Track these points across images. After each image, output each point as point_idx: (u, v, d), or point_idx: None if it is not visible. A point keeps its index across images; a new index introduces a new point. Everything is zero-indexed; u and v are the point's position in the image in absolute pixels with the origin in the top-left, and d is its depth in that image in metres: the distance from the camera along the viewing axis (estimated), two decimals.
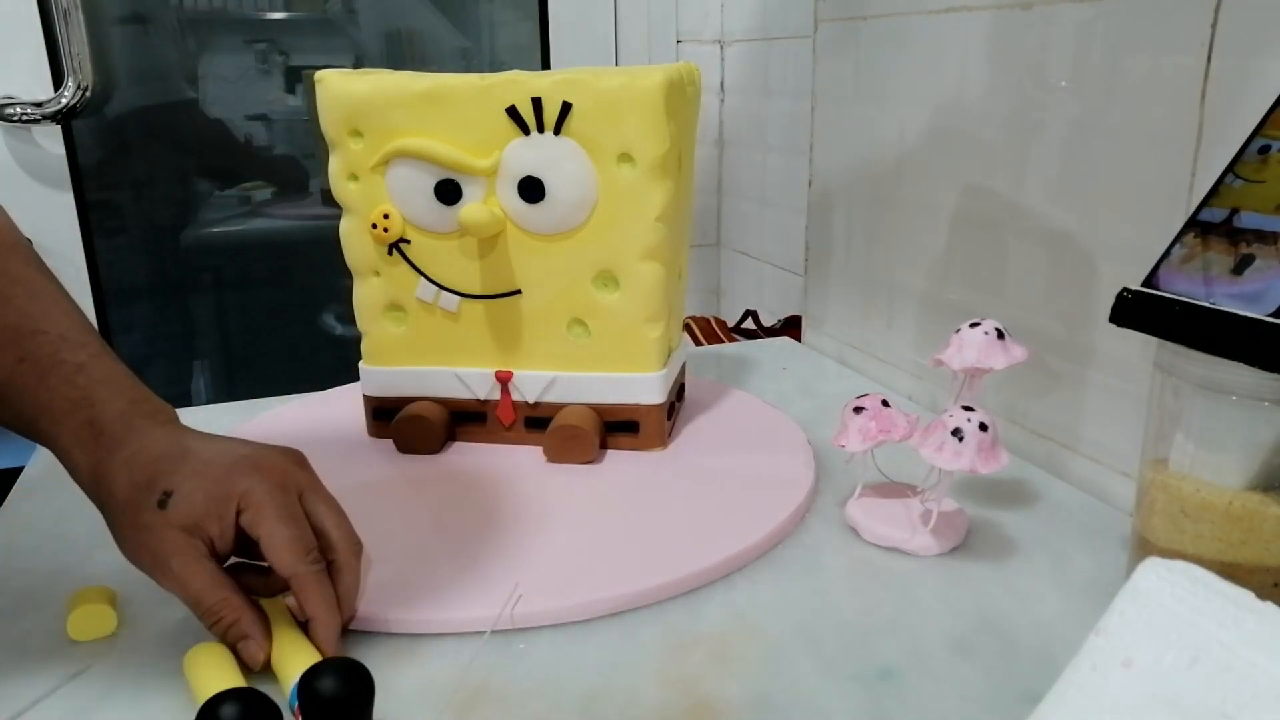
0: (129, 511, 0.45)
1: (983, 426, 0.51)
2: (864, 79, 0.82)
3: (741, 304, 1.21)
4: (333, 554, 0.47)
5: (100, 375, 0.49)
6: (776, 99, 1.12)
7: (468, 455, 0.68)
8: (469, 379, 0.68)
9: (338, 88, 0.63)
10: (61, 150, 1.11)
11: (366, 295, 0.68)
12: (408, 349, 0.68)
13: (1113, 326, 0.45)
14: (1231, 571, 0.43)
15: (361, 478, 0.64)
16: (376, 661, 0.41)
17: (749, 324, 1.11)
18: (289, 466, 0.48)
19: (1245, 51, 0.50)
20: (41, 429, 0.48)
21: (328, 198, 0.67)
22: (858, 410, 0.56)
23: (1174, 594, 0.29)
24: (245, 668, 0.44)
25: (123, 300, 1.23)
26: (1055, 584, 0.52)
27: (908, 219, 0.79)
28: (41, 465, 0.69)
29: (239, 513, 0.45)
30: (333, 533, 0.47)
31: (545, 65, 1.28)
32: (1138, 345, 0.58)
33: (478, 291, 0.66)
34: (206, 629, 0.45)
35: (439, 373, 0.68)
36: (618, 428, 0.67)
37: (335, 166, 0.65)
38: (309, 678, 0.38)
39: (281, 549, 0.44)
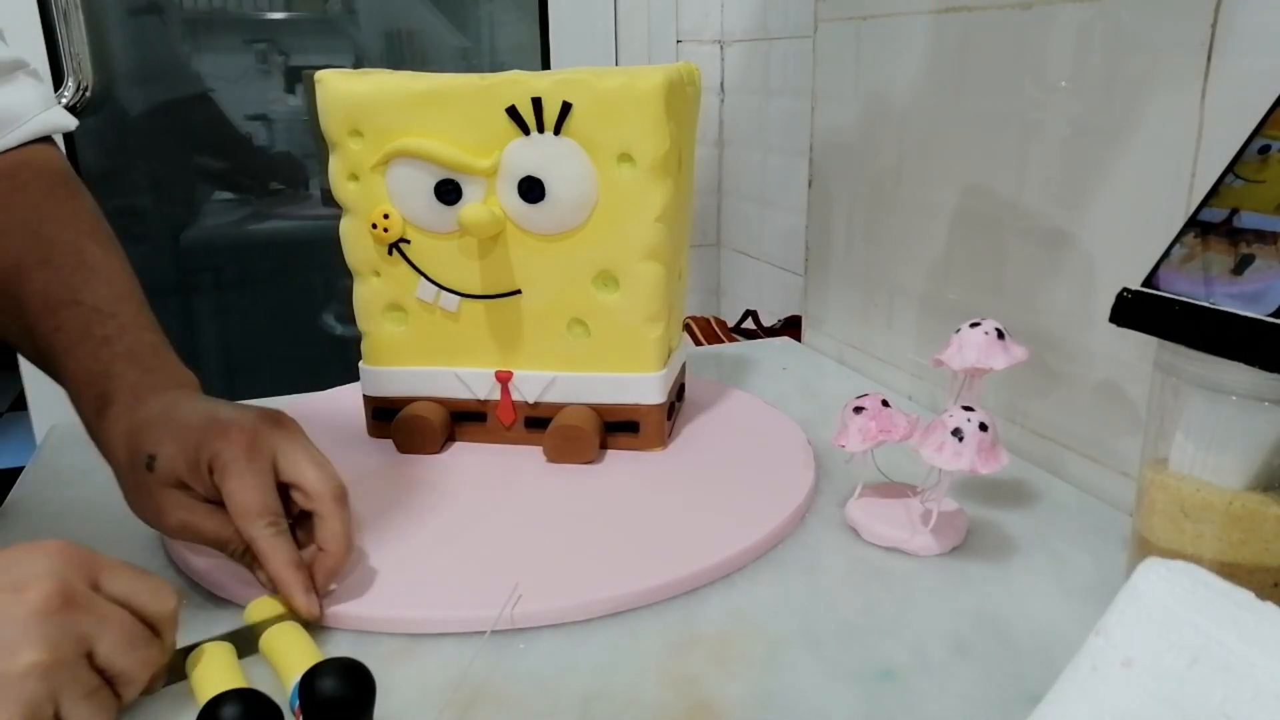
0: (129, 475, 0.49)
1: (983, 426, 0.51)
2: (864, 79, 0.82)
3: (741, 304, 1.21)
4: (312, 503, 0.48)
5: (122, 348, 0.53)
6: (776, 99, 1.12)
7: (468, 455, 0.68)
8: (469, 379, 0.68)
9: (338, 88, 0.63)
10: (62, 150, 1.11)
11: (366, 295, 0.68)
12: (408, 349, 0.68)
13: (1113, 326, 0.45)
14: (1231, 571, 0.43)
15: (361, 478, 0.64)
16: (376, 661, 0.41)
17: (749, 324, 1.11)
18: (260, 427, 0.49)
19: (1245, 51, 0.50)
20: (70, 394, 0.53)
21: (328, 198, 0.67)
22: (858, 410, 0.56)
23: (1174, 594, 0.29)
24: (248, 667, 0.44)
25: None
26: (1055, 584, 0.52)
27: (908, 219, 0.79)
28: (41, 465, 0.69)
29: (211, 472, 0.48)
30: (311, 483, 0.48)
31: (545, 65, 1.28)
32: (1138, 345, 0.58)
33: (478, 291, 0.66)
34: (230, 558, 0.49)
35: (439, 373, 0.68)
36: (618, 428, 0.67)
37: (335, 166, 0.65)
38: (309, 678, 0.38)
39: (238, 514, 0.47)
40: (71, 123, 0.63)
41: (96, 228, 0.58)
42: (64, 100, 1.06)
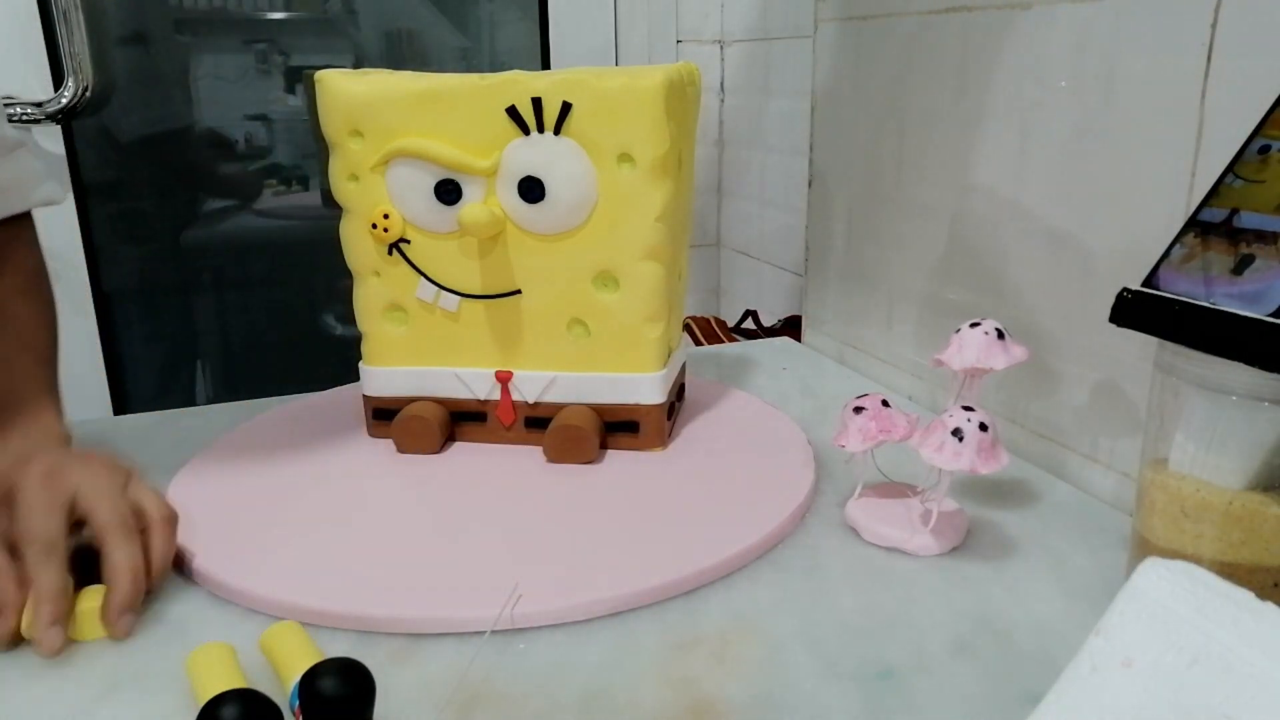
0: None
1: (983, 426, 0.51)
2: (864, 79, 0.82)
3: (741, 304, 1.21)
4: (97, 536, 0.49)
5: (7, 394, 0.56)
6: (776, 99, 1.12)
7: (468, 455, 0.68)
8: (469, 379, 0.68)
9: (338, 88, 0.63)
10: (62, 150, 1.11)
11: (366, 295, 0.68)
12: (408, 349, 0.68)
13: (1113, 326, 0.45)
14: (1231, 571, 0.43)
15: (361, 478, 0.64)
16: (376, 661, 0.41)
17: (749, 324, 1.11)
18: (66, 462, 0.51)
19: (1245, 51, 0.50)
20: None
21: (328, 198, 0.67)
22: (858, 410, 0.56)
23: (1174, 594, 0.29)
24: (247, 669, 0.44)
25: (123, 300, 1.23)
26: (1055, 584, 0.52)
27: (908, 219, 0.79)
28: None
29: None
30: (98, 517, 0.49)
31: (545, 65, 1.28)
32: (1138, 345, 0.58)
33: (478, 291, 0.66)
34: None
35: (439, 373, 0.68)
36: (618, 428, 0.67)
37: (335, 167, 0.65)
38: (309, 678, 0.38)
39: (20, 538, 0.47)
40: (63, 196, 0.68)
41: (30, 285, 0.62)
42: (64, 100, 1.06)
